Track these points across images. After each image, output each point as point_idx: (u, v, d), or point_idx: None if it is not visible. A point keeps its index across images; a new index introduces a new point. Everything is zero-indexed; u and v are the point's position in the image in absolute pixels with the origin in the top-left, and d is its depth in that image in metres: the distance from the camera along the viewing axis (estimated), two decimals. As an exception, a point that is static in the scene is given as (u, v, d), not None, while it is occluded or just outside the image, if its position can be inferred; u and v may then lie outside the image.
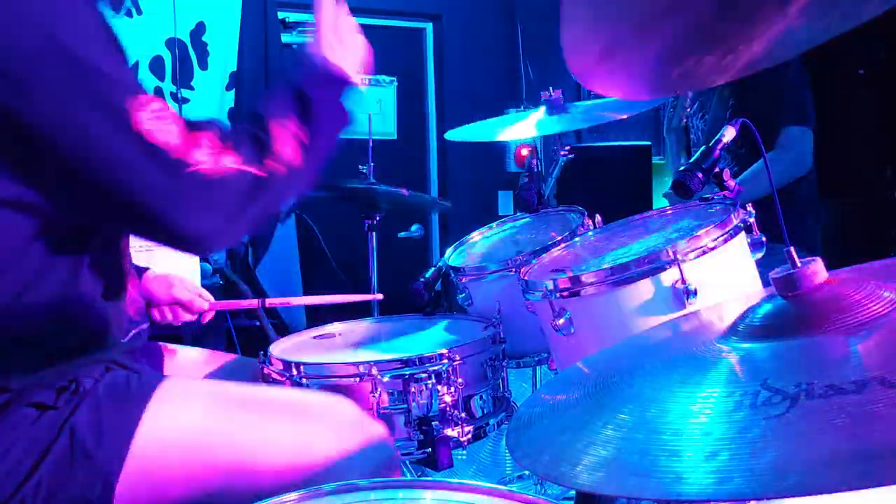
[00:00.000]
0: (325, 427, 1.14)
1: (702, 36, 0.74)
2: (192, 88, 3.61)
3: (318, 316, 4.00)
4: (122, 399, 1.10)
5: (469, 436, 1.34)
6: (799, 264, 0.72)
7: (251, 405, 1.16)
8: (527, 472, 2.06)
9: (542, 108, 2.06)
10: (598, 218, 1.68)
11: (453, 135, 2.12)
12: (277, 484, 1.02)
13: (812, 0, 0.64)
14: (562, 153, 2.07)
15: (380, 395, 1.29)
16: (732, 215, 1.33)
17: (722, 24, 0.72)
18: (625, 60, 0.82)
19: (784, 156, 2.36)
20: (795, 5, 0.65)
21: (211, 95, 3.69)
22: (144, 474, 1.05)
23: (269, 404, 1.18)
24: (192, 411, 1.12)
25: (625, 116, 1.92)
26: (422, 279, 1.78)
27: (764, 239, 1.36)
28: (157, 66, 3.47)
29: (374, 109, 4.32)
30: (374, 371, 1.29)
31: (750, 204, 1.40)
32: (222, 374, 1.50)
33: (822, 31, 0.64)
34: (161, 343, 1.51)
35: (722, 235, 1.29)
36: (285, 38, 4.12)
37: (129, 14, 3.33)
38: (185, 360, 1.50)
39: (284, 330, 3.71)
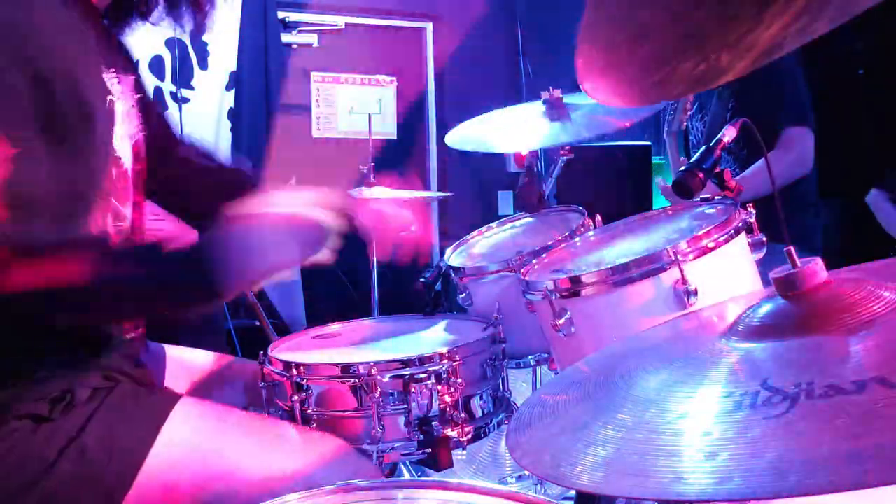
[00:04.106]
0: (320, 461, 1.16)
1: (698, 40, 0.75)
2: (192, 88, 3.61)
3: (318, 316, 4.01)
4: (136, 420, 1.10)
5: (469, 436, 1.34)
6: (799, 264, 0.72)
7: (255, 434, 1.18)
8: (527, 472, 2.06)
9: (541, 103, 2.05)
10: (598, 218, 1.68)
11: (453, 139, 2.10)
12: None
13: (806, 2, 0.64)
14: (562, 153, 2.06)
15: (380, 395, 1.29)
16: (733, 215, 1.33)
17: (718, 26, 0.73)
18: (625, 70, 0.83)
19: (785, 156, 2.35)
20: (790, 9, 0.66)
21: (211, 95, 3.69)
22: (149, 495, 1.06)
23: (270, 434, 1.20)
24: (200, 436, 1.13)
25: (627, 124, 1.90)
26: (422, 279, 1.78)
27: (764, 239, 1.36)
28: (157, 66, 3.47)
29: (374, 109, 4.32)
30: (374, 371, 1.29)
31: (750, 204, 1.40)
32: (222, 376, 1.50)
33: (815, 29, 0.64)
34: (160, 344, 1.50)
35: (722, 235, 1.29)
36: (285, 38, 4.12)
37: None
38: (185, 362, 1.50)
39: (284, 330, 3.72)
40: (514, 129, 2.06)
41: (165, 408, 1.12)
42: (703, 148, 1.47)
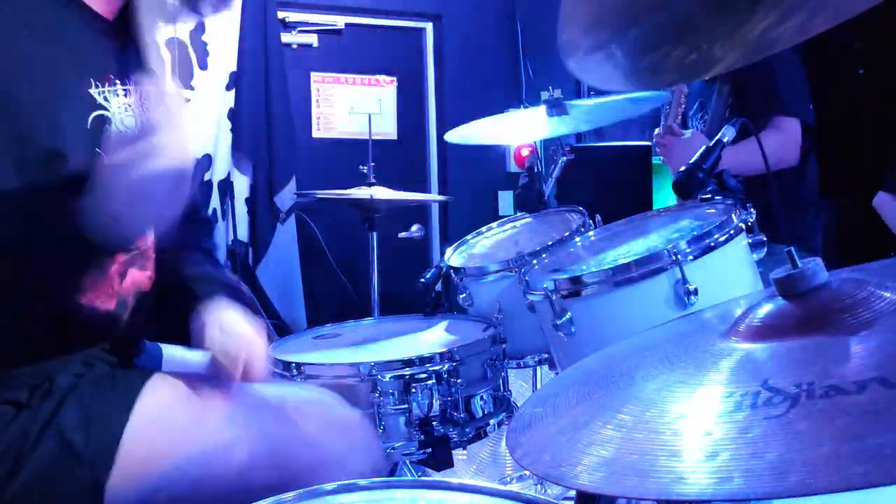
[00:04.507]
0: (316, 426, 1.14)
1: (688, 28, 0.74)
2: (192, 88, 3.61)
3: (318, 316, 4.01)
4: (110, 395, 1.08)
5: (469, 436, 1.34)
6: (799, 264, 0.72)
7: (242, 403, 1.15)
8: (527, 472, 2.06)
9: (542, 108, 2.06)
10: (598, 218, 1.68)
11: (452, 137, 2.11)
12: (268, 482, 1.01)
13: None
14: (562, 153, 2.07)
15: (380, 395, 1.29)
16: (733, 215, 1.33)
17: (708, 16, 0.72)
18: (612, 52, 0.83)
19: (770, 138, 2.36)
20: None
21: (211, 95, 3.68)
22: (134, 472, 1.04)
23: (259, 401, 1.17)
24: (181, 407, 1.11)
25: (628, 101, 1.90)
26: (422, 279, 1.78)
27: (764, 239, 1.36)
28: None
29: (374, 109, 4.32)
30: (374, 371, 1.29)
31: (750, 204, 1.40)
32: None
33: (813, 26, 0.64)
34: (157, 344, 1.50)
35: (722, 235, 1.29)
36: (285, 38, 4.11)
37: (129, 14, 3.33)
38: (181, 361, 1.49)
39: (285, 330, 3.72)
40: (513, 124, 2.07)
41: (139, 383, 1.11)
42: (702, 148, 1.47)
